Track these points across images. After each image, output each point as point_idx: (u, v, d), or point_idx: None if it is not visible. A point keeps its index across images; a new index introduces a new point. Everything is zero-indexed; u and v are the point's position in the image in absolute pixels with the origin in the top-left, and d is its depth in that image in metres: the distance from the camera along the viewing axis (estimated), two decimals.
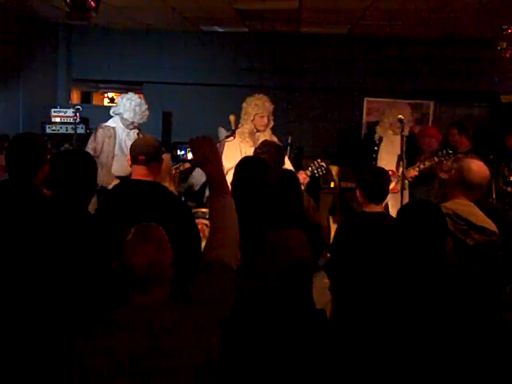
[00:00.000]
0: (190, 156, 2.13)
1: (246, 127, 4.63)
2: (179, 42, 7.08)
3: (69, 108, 6.54)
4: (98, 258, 2.17)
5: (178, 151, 2.07)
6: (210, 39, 7.04)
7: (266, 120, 4.64)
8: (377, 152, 5.10)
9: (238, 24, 6.31)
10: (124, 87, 8.00)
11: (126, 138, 4.77)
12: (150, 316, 1.72)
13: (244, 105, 4.70)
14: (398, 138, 4.49)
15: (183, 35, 7.02)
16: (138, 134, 4.78)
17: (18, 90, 6.25)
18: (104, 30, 6.97)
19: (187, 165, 4.42)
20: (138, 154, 2.94)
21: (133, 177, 3.00)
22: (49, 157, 2.70)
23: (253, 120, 4.64)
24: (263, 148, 3.66)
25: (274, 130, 4.85)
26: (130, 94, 4.80)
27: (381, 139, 5.08)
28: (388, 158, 4.90)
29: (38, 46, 6.61)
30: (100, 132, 4.70)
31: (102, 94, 8.43)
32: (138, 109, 4.68)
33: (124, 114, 4.69)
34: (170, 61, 7.04)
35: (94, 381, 1.68)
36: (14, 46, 6.09)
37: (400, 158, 4.47)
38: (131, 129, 4.79)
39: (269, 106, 4.68)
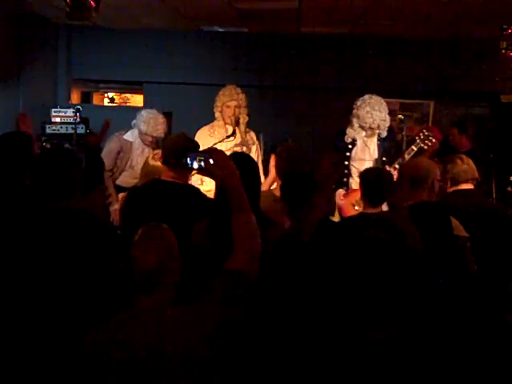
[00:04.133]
0: (196, 165, 2.03)
1: (215, 122, 4.37)
2: (179, 42, 7.08)
3: (69, 108, 6.53)
4: (97, 258, 2.16)
5: (189, 160, 1.94)
6: (210, 39, 7.03)
7: (233, 111, 4.23)
8: (349, 158, 4.30)
9: (238, 24, 6.32)
10: (124, 87, 8.02)
11: (139, 154, 4.63)
12: (154, 317, 1.72)
13: (215, 98, 4.38)
14: (373, 141, 4.26)
15: (183, 35, 7.02)
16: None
17: (18, 90, 6.25)
18: (104, 30, 6.97)
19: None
20: (169, 155, 2.85)
21: (163, 178, 2.92)
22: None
23: (221, 111, 4.31)
24: (286, 153, 3.48)
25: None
26: (151, 109, 4.72)
27: (353, 143, 4.33)
28: (365, 165, 4.08)
29: (37, 46, 6.60)
30: (116, 145, 4.58)
31: (102, 94, 8.42)
32: (152, 121, 4.57)
33: (139, 125, 4.61)
34: (170, 61, 7.04)
35: (95, 381, 1.68)
36: (14, 45, 6.09)
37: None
38: (148, 145, 4.67)
39: (237, 96, 4.27)
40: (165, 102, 7.01)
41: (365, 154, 4.29)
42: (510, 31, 4.95)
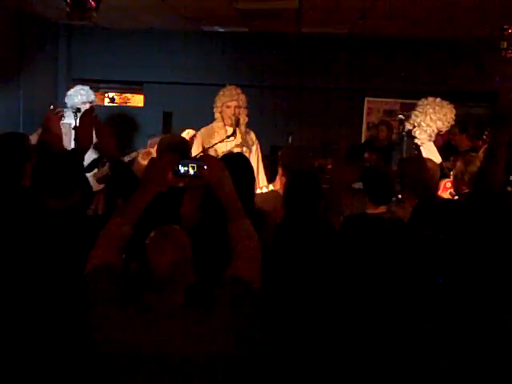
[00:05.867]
0: (187, 172, 1.99)
1: (214, 123, 4.33)
2: (179, 42, 7.08)
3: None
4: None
5: (180, 167, 1.87)
6: (210, 39, 7.03)
7: (233, 111, 4.20)
8: None
9: (238, 24, 6.32)
10: (124, 87, 8.02)
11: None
12: (159, 317, 1.72)
13: (215, 99, 4.35)
14: (432, 143, 4.21)
15: (183, 35, 7.02)
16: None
17: (18, 89, 6.25)
18: (104, 30, 6.97)
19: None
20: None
21: None
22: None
23: (221, 112, 4.28)
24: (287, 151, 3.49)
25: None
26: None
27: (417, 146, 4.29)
28: None
29: (38, 46, 6.60)
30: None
31: (102, 93, 8.42)
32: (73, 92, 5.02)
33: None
34: (170, 61, 7.04)
35: (102, 378, 1.70)
36: (14, 45, 6.09)
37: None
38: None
39: (238, 97, 4.24)
40: (165, 102, 7.02)
41: (435, 158, 4.20)
42: (510, 31, 4.95)
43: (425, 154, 4.26)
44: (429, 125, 4.31)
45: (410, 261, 2.44)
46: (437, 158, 4.29)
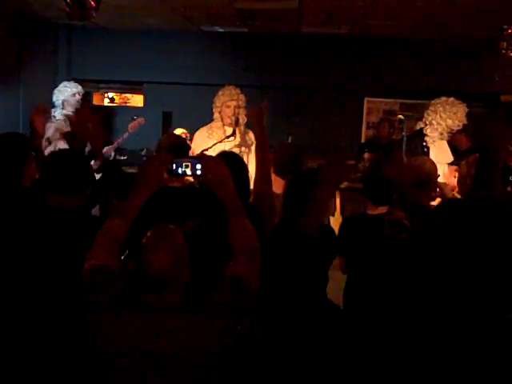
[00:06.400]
0: (180, 171, 1.97)
1: (213, 123, 4.32)
2: (179, 42, 7.09)
3: None
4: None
5: (174, 166, 1.84)
6: (210, 39, 7.04)
7: (233, 110, 4.21)
8: None
9: (238, 24, 6.32)
10: (124, 87, 8.02)
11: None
12: (158, 317, 1.72)
13: (214, 99, 4.36)
14: (445, 143, 4.23)
15: (183, 35, 7.03)
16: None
17: (18, 89, 6.25)
18: (104, 30, 6.98)
19: None
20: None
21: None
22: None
23: (220, 112, 4.29)
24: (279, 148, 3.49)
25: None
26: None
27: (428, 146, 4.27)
28: (441, 169, 3.88)
29: (38, 45, 6.61)
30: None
31: (102, 94, 8.42)
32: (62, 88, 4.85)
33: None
34: (170, 61, 7.05)
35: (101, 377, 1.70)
36: (14, 45, 6.09)
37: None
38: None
39: (238, 96, 4.25)
40: (165, 102, 7.03)
41: (445, 158, 4.23)
42: (510, 31, 4.96)
43: (435, 153, 4.28)
44: (439, 123, 4.34)
45: (404, 260, 2.44)
46: (449, 157, 4.30)
